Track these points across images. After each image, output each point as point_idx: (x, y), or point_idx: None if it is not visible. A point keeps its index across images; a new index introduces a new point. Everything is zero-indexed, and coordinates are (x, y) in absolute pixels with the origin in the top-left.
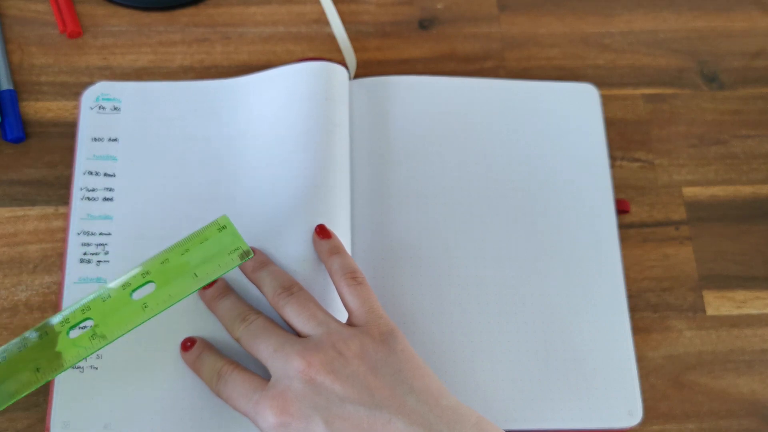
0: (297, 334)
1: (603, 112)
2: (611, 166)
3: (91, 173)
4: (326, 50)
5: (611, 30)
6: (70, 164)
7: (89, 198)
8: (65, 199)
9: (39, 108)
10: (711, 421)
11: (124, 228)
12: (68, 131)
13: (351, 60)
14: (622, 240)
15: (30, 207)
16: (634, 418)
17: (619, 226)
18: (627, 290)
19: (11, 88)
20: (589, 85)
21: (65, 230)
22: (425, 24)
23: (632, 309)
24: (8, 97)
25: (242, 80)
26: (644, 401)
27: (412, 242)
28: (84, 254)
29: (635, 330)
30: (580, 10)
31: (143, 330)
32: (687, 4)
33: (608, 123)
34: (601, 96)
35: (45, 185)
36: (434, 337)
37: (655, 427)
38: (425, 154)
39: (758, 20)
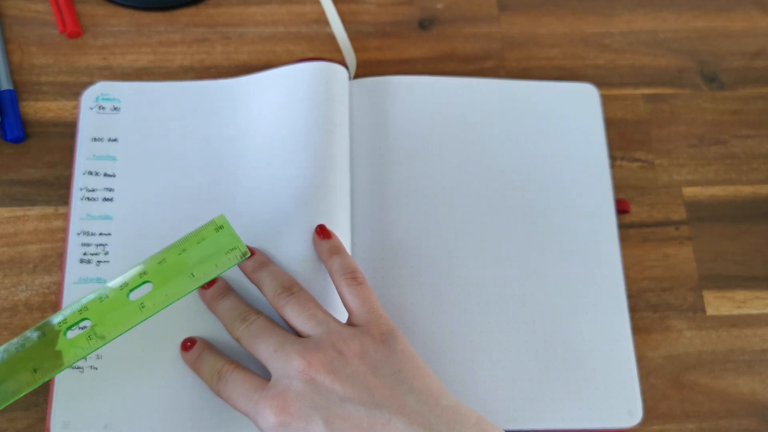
0: (297, 334)
1: (603, 112)
2: (611, 166)
3: (91, 173)
4: (326, 50)
5: (611, 30)
6: (70, 164)
7: (89, 198)
8: (65, 199)
9: (39, 108)
10: (711, 421)
11: (124, 228)
12: (68, 131)
13: (351, 60)
14: (622, 240)
15: (30, 207)
16: (634, 418)
17: (619, 226)
18: (627, 290)
19: (11, 88)
20: (589, 85)
21: (65, 230)
22: (425, 24)
23: (632, 309)
24: (8, 97)
25: (242, 80)
26: (644, 401)
27: (412, 242)
28: (84, 254)
29: (635, 330)
30: (580, 10)
31: (143, 330)
32: (687, 4)
33: (608, 123)
34: (601, 96)
35: (45, 185)
36: (434, 337)
37: (655, 427)
38: (425, 154)
39: (758, 20)
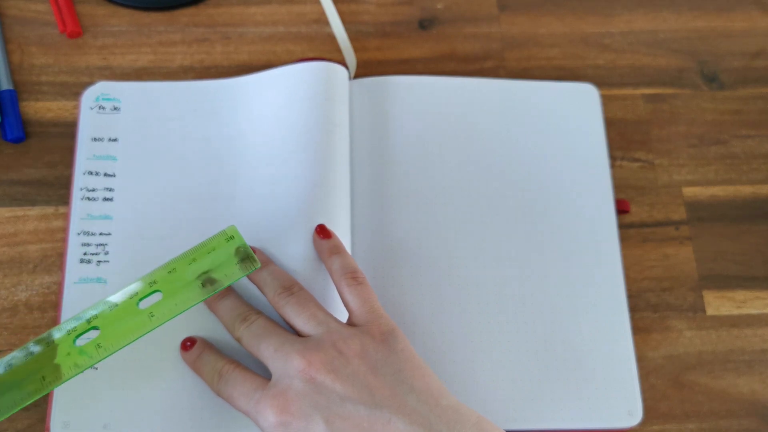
0: (297, 334)
1: (603, 112)
2: (611, 166)
3: (91, 173)
4: (326, 50)
5: (611, 30)
6: (70, 164)
7: (89, 198)
8: (65, 199)
9: (39, 108)
10: (711, 421)
11: (124, 228)
12: (68, 131)
13: (351, 60)
14: (622, 240)
15: (30, 207)
16: (634, 418)
17: (619, 226)
18: (627, 290)
19: (11, 88)
20: (589, 85)
21: (65, 230)
22: (425, 24)
23: (632, 309)
24: (8, 97)
25: (242, 80)
26: (644, 401)
27: (412, 242)
28: (84, 254)
29: (635, 330)
30: (580, 10)
31: None
32: (687, 4)
33: (608, 123)
34: (601, 96)
35: (45, 185)
36: (434, 337)
37: (655, 427)
38: (425, 154)
39: (758, 20)
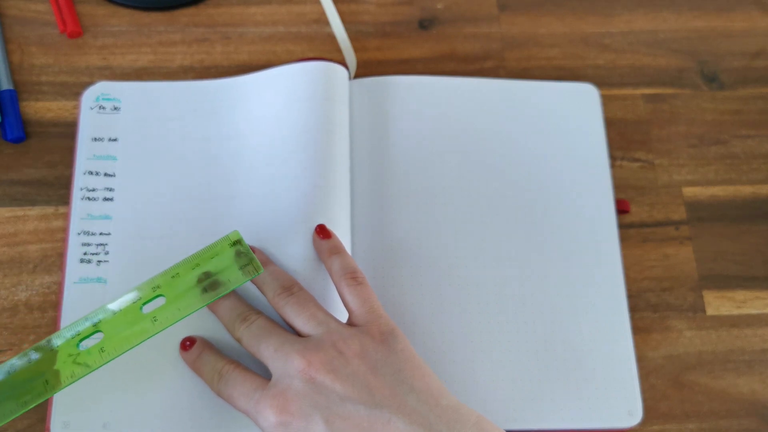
0: (297, 334)
1: (603, 112)
2: (611, 166)
3: (91, 173)
4: (326, 50)
5: (611, 30)
6: (70, 164)
7: (89, 198)
8: (65, 199)
9: (39, 108)
10: (711, 421)
11: (124, 228)
12: (68, 131)
13: (351, 60)
14: (622, 240)
15: (30, 207)
16: (634, 418)
17: (619, 226)
18: (627, 290)
19: (11, 88)
20: (589, 85)
21: (65, 230)
22: (425, 24)
23: (632, 309)
24: (8, 97)
25: (242, 80)
26: (644, 401)
27: (412, 242)
28: (84, 254)
29: (635, 330)
30: (580, 10)
31: None
32: (687, 4)
33: (608, 123)
34: (601, 96)
35: (45, 185)
36: (434, 337)
37: (655, 427)
38: (425, 154)
39: (758, 20)
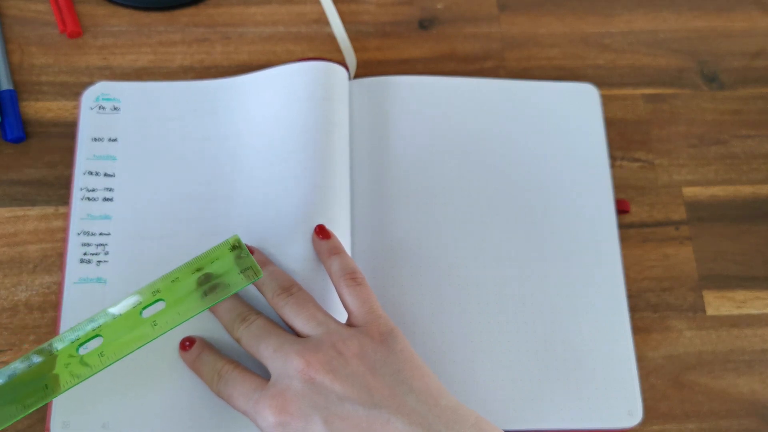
0: (297, 335)
1: (603, 112)
2: (611, 166)
3: (91, 173)
4: (326, 50)
5: (611, 30)
6: (70, 164)
7: (89, 198)
8: (65, 199)
9: (39, 108)
10: (711, 421)
11: (124, 228)
12: (68, 131)
13: (351, 60)
14: (622, 240)
15: (30, 207)
16: (634, 418)
17: (619, 226)
18: (627, 290)
19: (11, 88)
20: (589, 85)
21: (65, 230)
22: (425, 24)
23: (632, 309)
24: (8, 97)
25: (241, 79)
26: (644, 401)
27: (412, 242)
28: (84, 254)
29: (635, 330)
30: (580, 10)
31: None
32: (687, 4)
33: (608, 123)
34: (601, 96)
35: (45, 185)
36: (434, 337)
37: (655, 427)
38: (425, 154)
39: (758, 20)
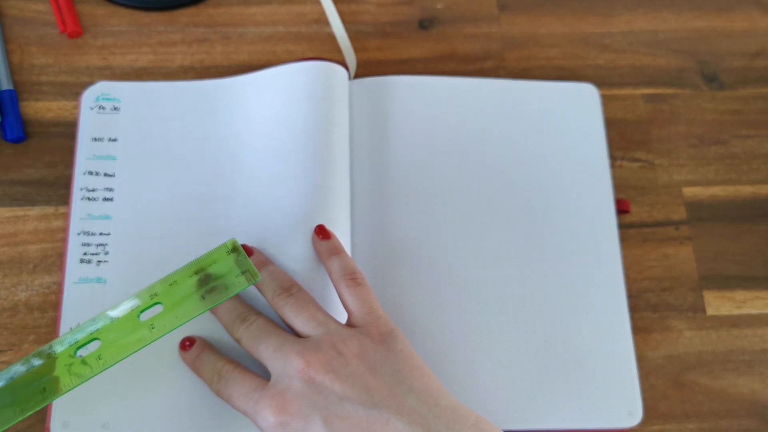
0: (296, 335)
1: (603, 112)
2: (611, 166)
3: (91, 173)
4: (326, 50)
5: (611, 30)
6: (70, 164)
7: (89, 198)
8: (65, 199)
9: (39, 108)
10: (711, 421)
11: (124, 228)
12: (68, 131)
13: (351, 60)
14: (622, 240)
15: (30, 207)
16: (634, 418)
17: (619, 226)
18: (627, 290)
19: (11, 88)
20: (589, 85)
21: (65, 230)
22: (425, 24)
23: (632, 309)
24: (8, 97)
25: (241, 79)
26: (644, 401)
27: (412, 242)
28: (84, 254)
29: (635, 330)
30: (580, 10)
31: None
32: (687, 4)
33: (608, 123)
34: (601, 96)
35: (45, 185)
36: (434, 337)
37: (655, 427)
38: (425, 154)
39: (758, 20)
